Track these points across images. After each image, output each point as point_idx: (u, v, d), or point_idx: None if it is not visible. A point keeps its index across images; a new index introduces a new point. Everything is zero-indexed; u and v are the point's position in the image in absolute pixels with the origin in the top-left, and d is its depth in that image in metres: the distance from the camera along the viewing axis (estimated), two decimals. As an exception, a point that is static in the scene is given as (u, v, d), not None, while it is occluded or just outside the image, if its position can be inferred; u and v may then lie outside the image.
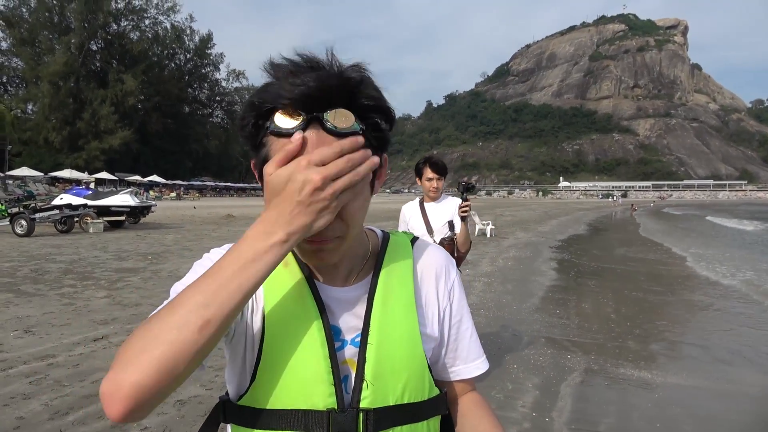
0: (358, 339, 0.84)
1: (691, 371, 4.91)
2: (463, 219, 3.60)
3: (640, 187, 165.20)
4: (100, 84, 72.20)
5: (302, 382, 0.79)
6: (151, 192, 51.94)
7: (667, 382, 4.60)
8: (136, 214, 19.63)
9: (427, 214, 3.73)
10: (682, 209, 59.33)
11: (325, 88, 0.72)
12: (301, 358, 0.80)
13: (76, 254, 11.68)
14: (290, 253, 0.86)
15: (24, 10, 70.74)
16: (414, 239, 0.99)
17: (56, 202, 18.25)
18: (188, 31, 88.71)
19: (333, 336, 0.82)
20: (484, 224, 18.55)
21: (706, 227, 28.70)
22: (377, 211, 35.65)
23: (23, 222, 15.38)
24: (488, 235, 17.75)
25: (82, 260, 10.78)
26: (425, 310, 0.91)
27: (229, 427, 0.87)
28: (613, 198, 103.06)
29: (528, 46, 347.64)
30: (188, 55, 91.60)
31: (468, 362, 0.98)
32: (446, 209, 3.72)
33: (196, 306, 0.65)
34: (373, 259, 0.91)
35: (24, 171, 46.42)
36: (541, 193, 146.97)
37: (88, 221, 17.32)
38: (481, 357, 1.00)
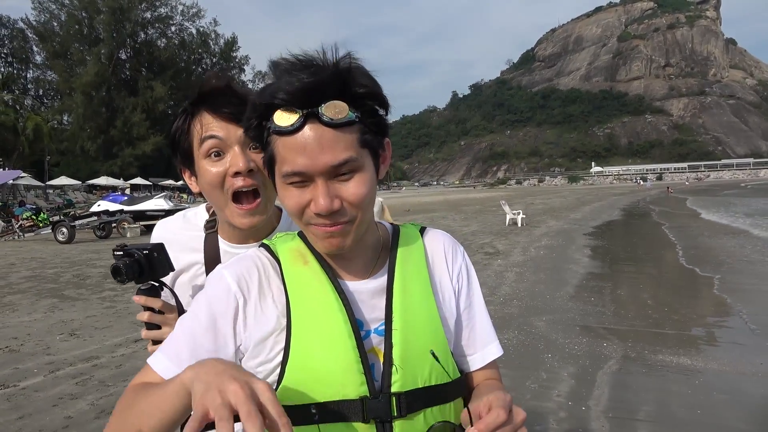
0: (382, 327, 0.87)
1: (734, 357, 4.78)
2: None
3: (675, 168, 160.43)
4: (130, 92, 73.88)
5: (333, 374, 0.81)
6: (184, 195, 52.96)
7: (708, 368, 4.49)
8: (170, 217, 20.08)
9: None
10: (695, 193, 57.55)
11: (317, 82, 0.77)
12: (331, 351, 0.82)
13: (115, 259, 12.04)
14: (310, 252, 0.90)
15: (55, 23, 72.92)
16: (422, 228, 1.02)
17: (94, 209, 18.89)
18: (213, 36, 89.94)
19: (358, 327, 0.85)
20: (514, 213, 18.35)
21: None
22: (408, 204, 35.63)
23: (64, 229, 15.94)
24: (519, 225, 17.56)
25: (121, 264, 11.10)
26: (442, 294, 0.95)
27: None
28: (639, 182, 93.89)
29: (553, 31, 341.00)
30: (214, 59, 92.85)
31: (485, 346, 0.99)
32: None
33: (137, 413, 0.76)
34: (386, 252, 0.94)
35: (63, 180, 47.91)
36: (568, 180, 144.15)
37: (125, 226, 17.81)
38: (495, 341, 1.01)
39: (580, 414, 3.64)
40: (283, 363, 0.82)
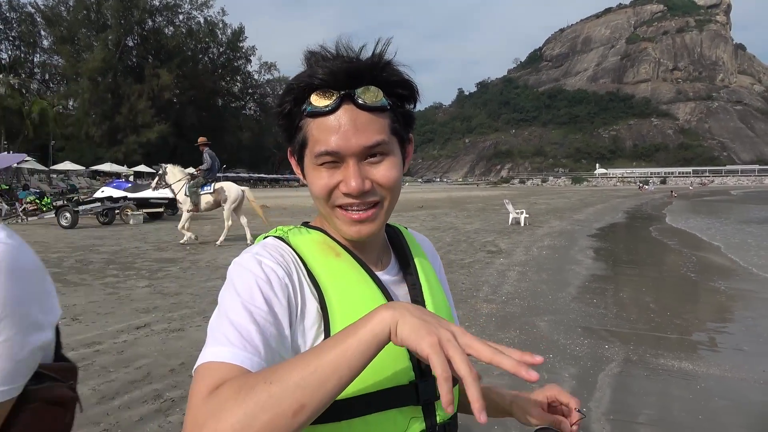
0: None
1: (736, 363, 4.77)
2: None
3: (679, 173, 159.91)
4: (136, 79, 73.87)
5: (385, 362, 0.78)
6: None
7: (709, 373, 4.48)
8: (173, 205, 20.10)
9: None
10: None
11: (353, 66, 0.81)
12: None
13: (118, 245, 12.06)
14: (337, 244, 0.90)
15: (63, 8, 72.91)
16: (405, 228, 1.08)
17: (98, 195, 18.88)
18: (221, 25, 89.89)
19: None
20: (518, 212, 18.32)
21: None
22: (412, 200, 35.61)
23: (67, 214, 15.95)
24: (522, 224, 17.54)
25: (124, 251, 11.13)
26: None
27: None
28: (641, 186, 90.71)
29: (562, 31, 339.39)
30: (221, 49, 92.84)
31: None
32: None
33: (294, 388, 0.62)
34: (387, 246, 0.99)
35: (67, 165, 48.01)
36: (572, 181, 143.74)
37: (129, 213, 17.84)
38: None
39: (580, 415, 3.64)
40: None
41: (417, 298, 0.92)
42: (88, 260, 9.87)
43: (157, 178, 13.22)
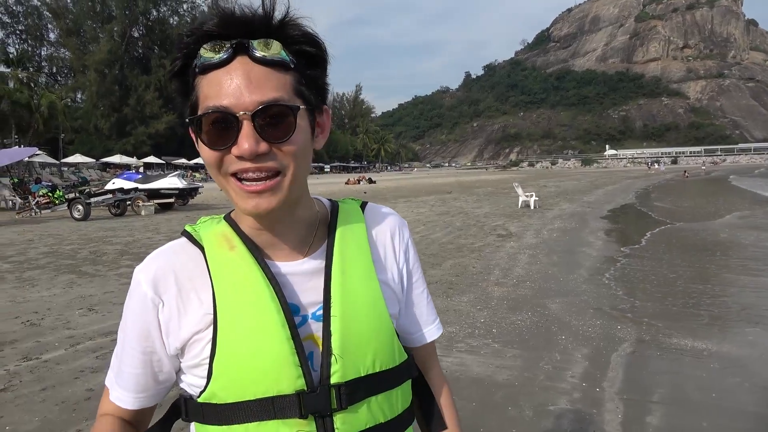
0: (320, 312, 0.80)
1: (751, 341, 4.76)
2: None
3: (690, 152, 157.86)
4: (143, 70, 73.91)
5: (265, 368, 0.74)
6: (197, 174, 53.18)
7: (723, 351, 4.48)
8: (184, 195, 20.25)
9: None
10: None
11: (251, 15, 0.72)
12: (262, 343, 0.75)
13: (131, 236, 12.17)
14: (236, 235, 0.82)
15: (68, 1, 72.89)
16: (363, 204, 0.94)
17: (109, 186, 19.04)
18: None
19: (292, 314, 0.78)
20: (527, 196, 18.24)
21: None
22: (420, 185, 35.55)
23: (80, 207, 16.12)
24: (532, 207, 17.48)
25: (137, 242, 11.23)
26: (386, 274, 0.88)
27: (192, 425, 0.84)
28: (652, 165, 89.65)
29: (569, 10, 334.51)
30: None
31: (427, 325, 0.96)
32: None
33: None
34: (323, 228, 0.86)
35: (77, 158, 48.29)
36: (582, 163, 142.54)
37: (140, 204, 17.98)
38: (437, 319, 0.98)
39: (594, 395, 3.66)
40: (210, 361, 0.76)
41: (326, 297, 0.80)
42: (102, 251, 9.99)
43: None
